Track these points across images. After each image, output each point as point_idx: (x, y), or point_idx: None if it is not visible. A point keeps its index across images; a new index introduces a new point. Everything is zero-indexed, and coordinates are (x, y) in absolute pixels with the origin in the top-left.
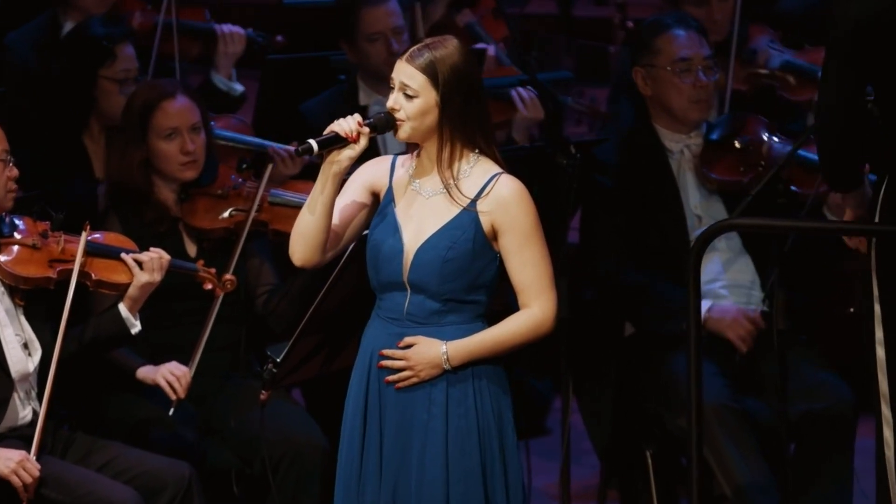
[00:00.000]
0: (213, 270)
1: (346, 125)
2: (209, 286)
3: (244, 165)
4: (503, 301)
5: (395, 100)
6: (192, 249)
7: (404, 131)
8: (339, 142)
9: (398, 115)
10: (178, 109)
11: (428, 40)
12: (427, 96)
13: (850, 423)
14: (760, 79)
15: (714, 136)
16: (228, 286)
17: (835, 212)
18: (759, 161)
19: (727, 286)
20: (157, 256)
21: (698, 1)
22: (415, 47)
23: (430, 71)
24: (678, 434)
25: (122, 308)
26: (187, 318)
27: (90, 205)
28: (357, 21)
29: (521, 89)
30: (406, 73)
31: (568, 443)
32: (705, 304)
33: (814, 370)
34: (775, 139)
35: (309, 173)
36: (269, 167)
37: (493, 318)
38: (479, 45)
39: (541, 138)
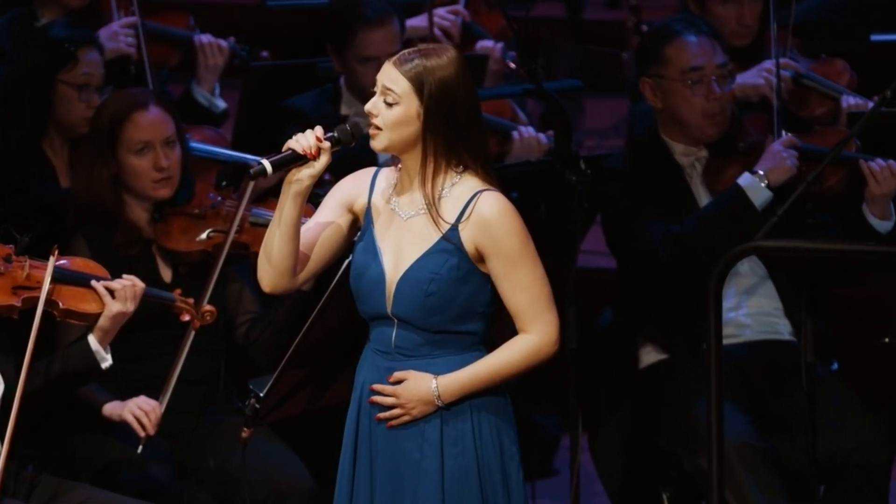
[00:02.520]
0: (191, 300)
1: (304, 141)
2: (187, 317)
3: (224, 182)
4: (509, 335)
5: (374, 104)
6: (166, 274)
7: (380, 141)
8: (298, 160)
9: (375, 122)
10: (151, 122)
11: (422, 46)
12: (408, 105)
13: (884, 464)
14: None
15: (715, 145)
16: (207, 318)
17: (873, 209)
18: None
19: (750, 314)
20: (130, 284)
21: (727, 0)
22: (406, 51)
23: (417, 79)
24: (697, 475)
25: (92, 340)
26: (158, 349)
27: (59, 214)
28: (352, 39)
29: (522, 128)
30: (390, 76)
31: (577, 484)
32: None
33: (845, 406)
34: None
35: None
36: (251, 184)
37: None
38: (484, 43)
39: (548, 153)
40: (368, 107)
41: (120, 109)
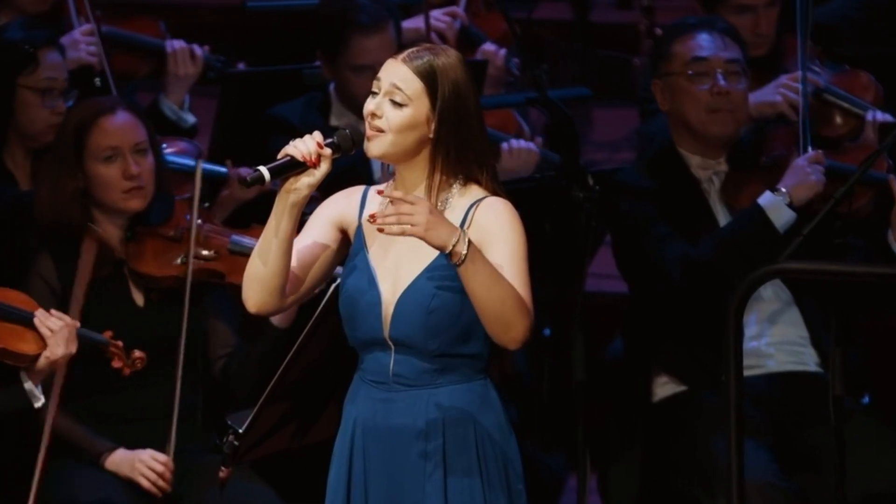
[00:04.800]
0: (120, 344)
1: (304, 147)
2: (118, 364)
3: (206, 204)
4: (511, 365)
5: (378, 104)
6: (139, 298)
7: (379, 145)
8: (296, 167)
9: (378, 124)
10: (119, 126)
11: (427, 45)
12: (419, 108)
13: None
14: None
15: (735, 159)
16: (138, 365)
17: None
18: None
19: (773, 343)
20: (63, 324)
21: (739, 8)
22: (413, 49)
23: (430, 78)
24: None
25: (24, 378)
26: (124, 381)
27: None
28: (345, 45)
29: (514, 141)
30: (400, 75)
31: None
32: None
33: (877, 443)
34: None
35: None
36: (198, 177)
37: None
38: (486, 47)
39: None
40: (372, 107)
41: (85, 115)
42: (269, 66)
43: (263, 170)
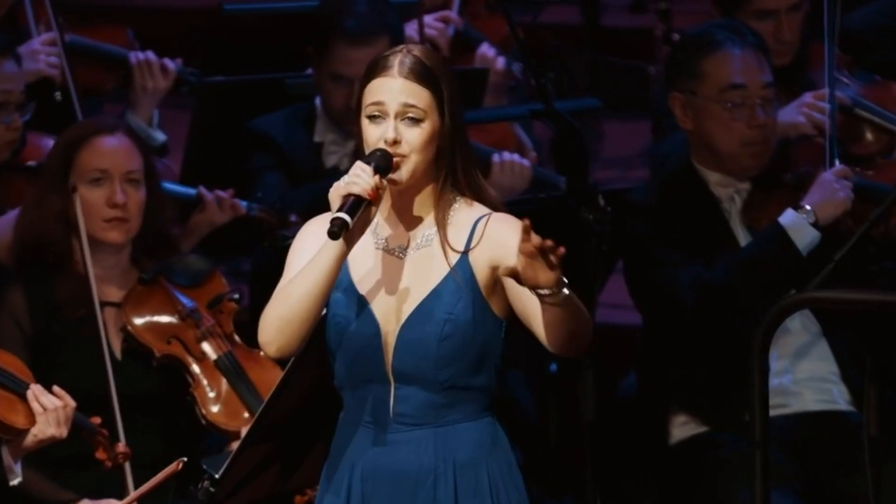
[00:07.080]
0: (106, 433)
1: (364, 183)
2: (101, 456)
3: (236, 294)
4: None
5: (395, 129)
6: (116, 344)
7: (408, 169)
8: (362, 204)
9: (400, 150)
10: (113, 149)
11: (407, 47)
12: (433, 118)
13: None
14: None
15: (758, 176)
16: (120, 460)
17: None
18: None
19: (801, 379)
20: (61, 405)
21: (760, 13)
22: (401, 58)
23: (433, 83)
24: None
25: (5, 454)
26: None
27: None
28: (328, 51)
29: (506, 154)
30: (407, 90)
31: None
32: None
33: None
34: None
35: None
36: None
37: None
38: (484, 49)
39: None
40: (391, 134)
41: (79, 133)
42: (248, 75)
43: (344, 216)
